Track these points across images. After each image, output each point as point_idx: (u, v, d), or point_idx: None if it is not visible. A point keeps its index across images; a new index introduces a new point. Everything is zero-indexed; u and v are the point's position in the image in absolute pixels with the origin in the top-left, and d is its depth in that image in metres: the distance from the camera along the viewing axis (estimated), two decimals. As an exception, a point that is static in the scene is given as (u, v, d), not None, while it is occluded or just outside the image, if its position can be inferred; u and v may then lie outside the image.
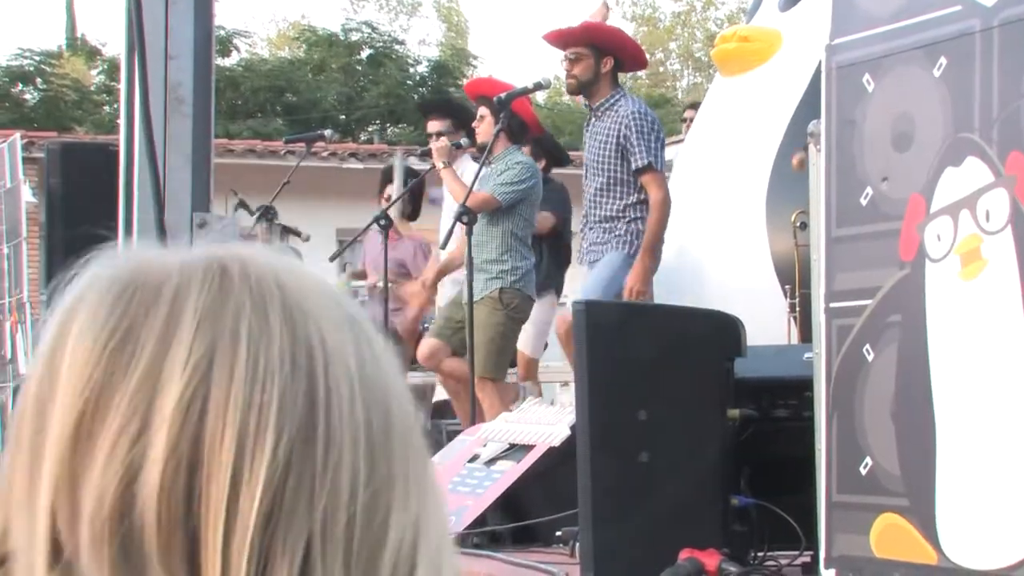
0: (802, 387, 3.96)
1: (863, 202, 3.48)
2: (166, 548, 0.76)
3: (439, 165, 7.16)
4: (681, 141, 9.90)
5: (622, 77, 6.98)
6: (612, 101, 6.42)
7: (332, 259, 8.21)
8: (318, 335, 0.81)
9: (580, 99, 6.72)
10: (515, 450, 5.25)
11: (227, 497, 0.76)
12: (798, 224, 7.03)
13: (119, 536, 0.76)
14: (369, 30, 27.17)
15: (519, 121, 7.32)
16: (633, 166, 6.32)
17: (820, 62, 3.66)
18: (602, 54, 6.47)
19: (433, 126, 7.79)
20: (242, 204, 8.45)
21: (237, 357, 0.78)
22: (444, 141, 7.33)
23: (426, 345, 7.31)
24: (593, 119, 6.58)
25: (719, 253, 8.01)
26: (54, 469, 0.78)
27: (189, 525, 0.76)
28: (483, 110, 7.13)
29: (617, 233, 6.40)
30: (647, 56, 7.24)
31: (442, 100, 9.03)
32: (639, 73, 34.15)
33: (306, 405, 0.79)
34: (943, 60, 3.29)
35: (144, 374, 0.78)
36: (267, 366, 0.79)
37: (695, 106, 10.37)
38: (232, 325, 0.79)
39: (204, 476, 0.76)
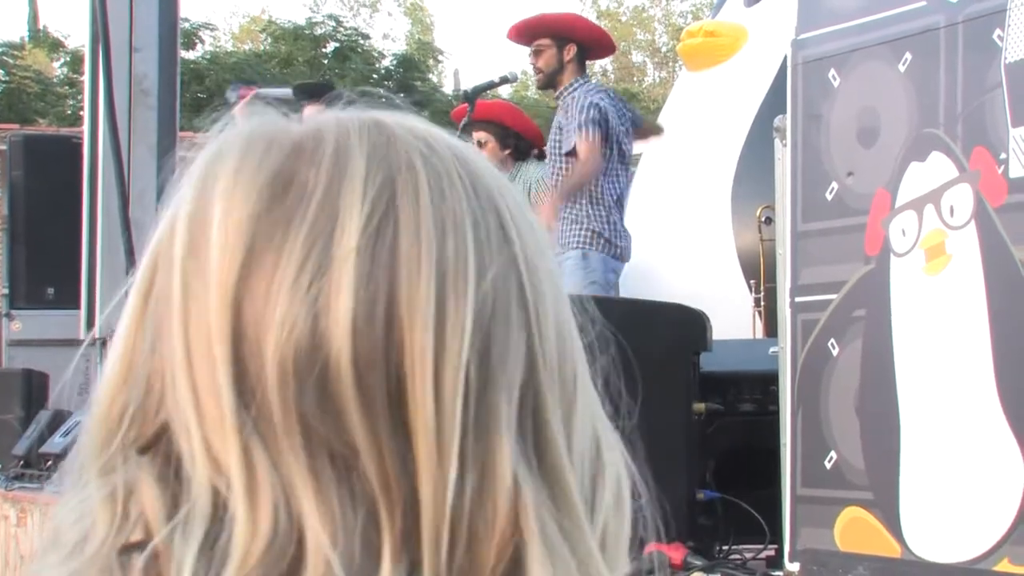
0: (767, 381, 3.97)
1: (828, 197, 3.49)
2: (365, 389, 0.69)
3: None
4: None
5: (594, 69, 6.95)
6: (571, 90, 6.38)
7: None
8: (496, 186, 0.75)
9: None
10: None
11: (433, 327, 0.69)
12: (763, 219, 7.05)
13: (312, 379, 0.69)
14: (334, 23, 27.09)
15: (526, 143, 7.17)
16: (565, 150, 6.27)
17: (786, 57, 3.67)
18: (563, 42, 6.42)
19: (310, 110, 7.72)
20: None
21: (419, 185, 0.72)
22: None
23: None
24: (558, 109, 6.54)
25: (684, 247, 8.03)
26: (223, 316, 0.70)
27: (391, 363, 0.69)
28: (483, 135, 6.94)
29: (575, 232, 6.32)
30: (614, 42, 7.16)
31: (311, 84, 8.79)
32: (608, 68, 34.19)
33: (500, 238, 0.73)
34: (908, 55, 3.30)
35: (319, 207, 0.71)
36: (452, 197, 0.72)
37: None
38: (406, 160, 0.73)
39: (404, 309, 0.69)
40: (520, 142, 7.08)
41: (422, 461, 0.69)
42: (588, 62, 6.73)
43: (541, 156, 7.00)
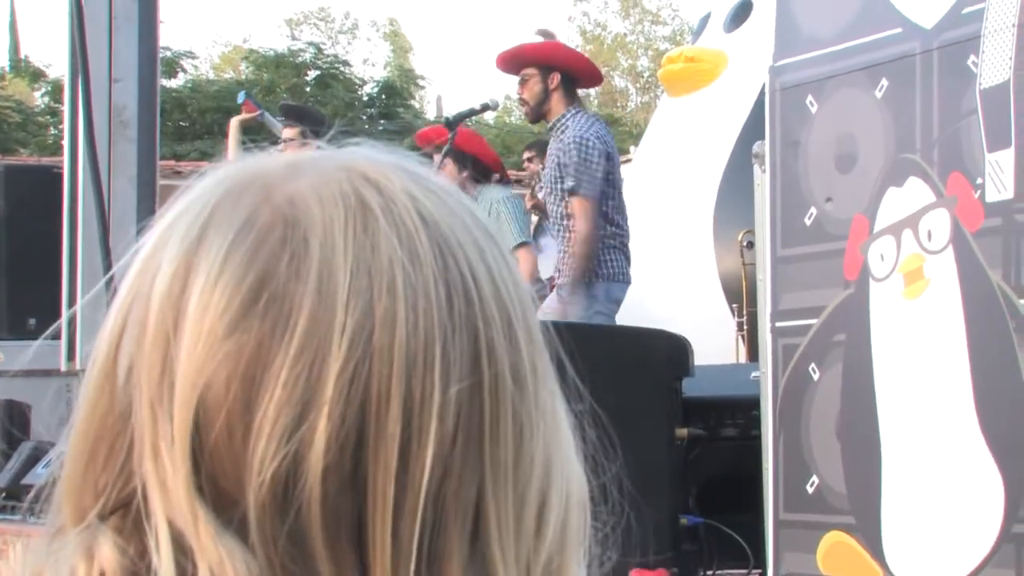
0: (749, 406, 3.98)
1: (808, 222, 3.51)
2: (332, 529, 0.70)
3: None
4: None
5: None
6: (564, 120, 6.37)
7: None
8: (468, 271, 0.74)
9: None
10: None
11: (396, 469, 0.70)
12: (745, 243, 7.08)
13: (287, 525, 0.69)
14: (315, 51, 27.12)
15: (483, 166, 7.23)
16: (564, 186, 6.25)
17: (764, 83, 3.69)
18: (547, 71, 6.41)
19: (289, 132, 7.65)
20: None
21: (397, 318, 0.71)
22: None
23: None
24: (551, 140, 6.52)
25: (667, 272, 8.04)
26: (186, 443, 0.70)
27: (355, 503, 0.70)
28: (439, 158, 7.00)
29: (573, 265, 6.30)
30: (600, 71, 7.19)
31: (297, 106, 8.85)
32: (592, 92, 34.25)
33: (469, 356, 0.73)
34: (885, 82, 3.32)
35: (303, 342, 0.70)
36: (426, 323, 0.72)
37: (532, 146, 9.25)
38: (388, 278, 0.72)
39: (371, 451, 0.70)
40: (477, 165, 7.18)
41: None
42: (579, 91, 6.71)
43: (503, 180, 7.17)
